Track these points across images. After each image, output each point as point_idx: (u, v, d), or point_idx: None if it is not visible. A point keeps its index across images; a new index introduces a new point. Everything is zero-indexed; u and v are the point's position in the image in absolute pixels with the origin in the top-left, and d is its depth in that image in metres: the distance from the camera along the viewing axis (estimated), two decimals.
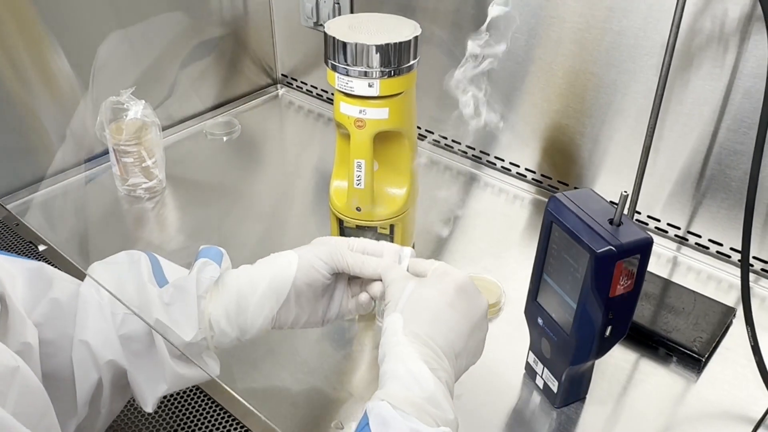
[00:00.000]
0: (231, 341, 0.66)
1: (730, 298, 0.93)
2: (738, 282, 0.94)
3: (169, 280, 0.65)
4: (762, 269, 0.94)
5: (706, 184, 0.95)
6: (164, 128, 1.08)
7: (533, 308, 0.74)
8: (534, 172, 1.14)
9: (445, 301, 0.60)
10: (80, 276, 0.91)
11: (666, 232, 1.02)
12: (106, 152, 1.16)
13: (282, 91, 1.45)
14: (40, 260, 0.93)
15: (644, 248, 0.62)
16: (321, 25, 1.26)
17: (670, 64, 0.77)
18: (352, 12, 1.21)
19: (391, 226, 0.90)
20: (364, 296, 0.69)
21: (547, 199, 1.09)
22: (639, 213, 1.03)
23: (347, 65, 0.77)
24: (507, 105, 1.11)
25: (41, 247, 0.96)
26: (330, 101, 1.39)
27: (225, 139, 1.27)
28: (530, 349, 0.78)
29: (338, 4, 1.21)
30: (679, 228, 1.00)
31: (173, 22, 1.20)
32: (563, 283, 0.68)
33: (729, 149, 0.91)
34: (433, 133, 1.22)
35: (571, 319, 0.67)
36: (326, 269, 0.66)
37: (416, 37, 0.78)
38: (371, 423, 0.51)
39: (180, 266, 0.69)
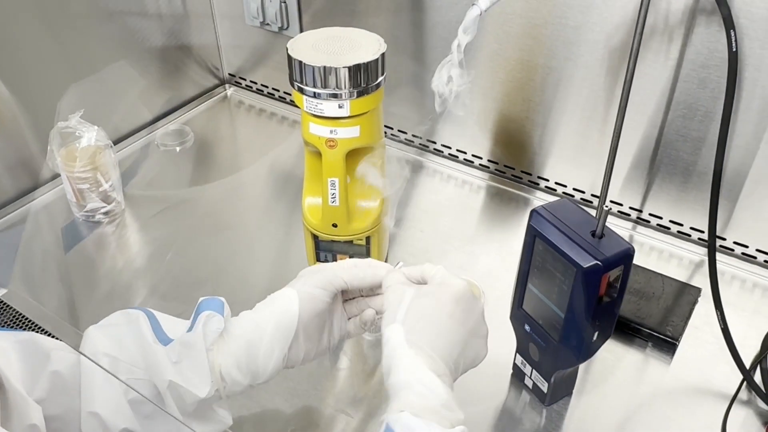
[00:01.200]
0: (243, 388, 0.65)
1: (691, 273, 0.98)
2: (696, 257, 1.00)
3: (170, 335, 0.64)
4: (720, 246, 0.99)
5: (658, 167, 0.99)
6: (114, 143, 1.04)
7: (519, 315, 0.76)
8: (495, 162, 1.16)
9: (444, 312, 0.61)
10: (49, 320, 0.89)
11: (628, 215, 1.06)
12: (54, 177, 1.12)
13: (230, 91, 1.41)
14: (2, 306, 0.90)
15: (627, 258, 0.65)
16: (267, 24, 1.23)
17: (637, 55, 0.78)
18: (300, 12, 1.18)
19: (367, 238, 0.90)
20: (369, 312, 0.69)
21: (500, 186, 1.11)
22: (614, 203, 1.06)
23: (316, 88, 0.76)
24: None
25: (0, 291, 0.92)
26: (282, 100, 1.36)
27: (178, 149, 1.24)
28: (517, 351, 0.80)
29: (284, 2, 1.18)
30: (639, 210, 1.04)
31: (111, 34, 1.15)
32: (549, 294, 0.70)
33: (678, 134, 0.95)
34: (391, 128, 1.22)
35: (558, 327, 0.70)
36: (326, 295, 0.66)
37: (383, 54, 0.78)
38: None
39: (178, 318, 0.67)
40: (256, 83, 1.38)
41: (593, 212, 0.95)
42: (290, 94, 1.34)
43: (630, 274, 0.74)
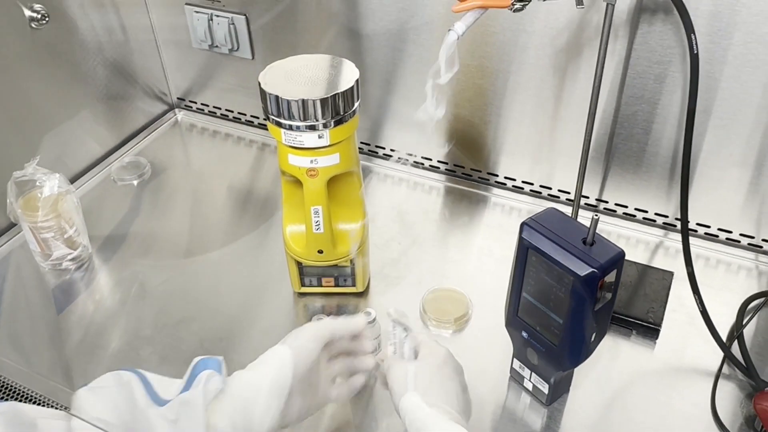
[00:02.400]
0: None
1: (656, 257, 1.03)
2: (659, 240, 1.05)
3: (162, 395, 0.63)
4: (666, 223, 1.05)
5: (612, 157, 1.04)
6: (71, 182, 1.00)
7: (516, 322, 0.78)
8: (446, 163, 1.19)
9: (444, 375, 0.69)
10: (30, 377, 0.86)
11: (596, 206, 1.10)
12: (9, 228, 1.07)
13: (180, 115, 1.38)
14: None
15: (620, 262, 0.68)
16: (217, 47, 1.21)
17: (604, 60, 0.82)
18: (249, 32, 1.17)
19: (351, 260, 0.90)
20: (358, 380, 0.74)
21: (456, 186, 1.12)
22: (567, 193, 1.10)
23: (294, 121, 0.76)
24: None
25: None
26: (236, 120, 1.34)
27: (136, 182, 1.20)
28: (515, 356, 0.83)
29: (233, 24, 1.16)
30: (607, 201, 1.08)
31: (52, 72, 1.10)
32: (546, 301, 0.72)
33: (631, 124, 0.99)
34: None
35: (557, 332, 0.72)
36: (318, 347, 0.69)
37: (357, 80, 0.78)
38: None
39: (169, 378, 0.66)
40: (207, 105, 1.35)
41: (551, 205, 0.99)
42: (244, 114, 1.32)
43: None
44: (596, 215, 0.67)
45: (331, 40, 1.13)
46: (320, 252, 0.87)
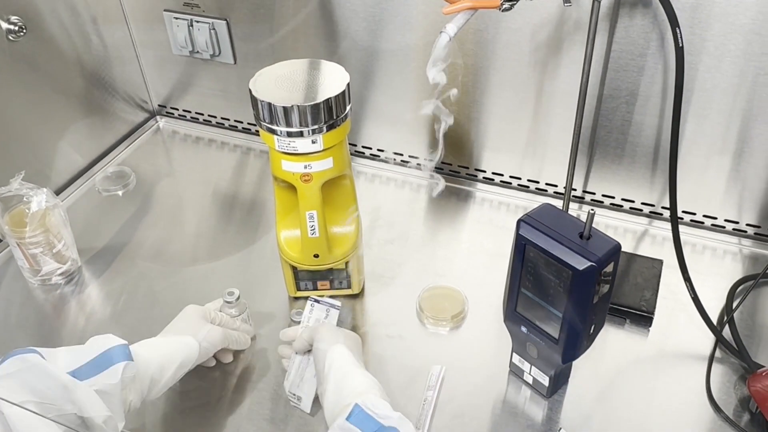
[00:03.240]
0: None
1: (641, 245, 1.05)
2: (644, 229, 1.07)
3: (67, 366, 0.68)
4: (652, 212, 1.07)
5: (597, 149, 1.05)
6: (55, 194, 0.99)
7: (515, 318, 0.79)
8: (416, 157, 1.20)
9: (359, 347, 0.81)
10: None
11: (582, 198, 1.11)
12: None
13: (162, 122, 1.37)
14: None
15: (616, 254, 0.69)
16: (198, 52, 1.20)
17: (591, 56, 0.83)
18: (230, 38, 1.16)
19: (347, 262, 0.91)
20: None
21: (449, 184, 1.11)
22: (555, 186, 1.12)
23: (288, 127, 0.75)
24: (405, 107, 1.13)
25: None
26: (220, 126, 1.33)
27: (121, 193, 1.19)
28: (514, 351, 0.84)
29: (214, 29, 1.15)
30: (593, 193, 1.10)
31: (30, 85, 1.08)
32: (544, 296, 0.73)
33: (613, 116, 1.01)
34: None
35: (557, 326, 0.73)
36: (215, 350, 0.83)
37: (348, 85, 0.78)
38: (370, 407, 0.66)
39: (58, 348, 0.71)
40: (189, 111, 1.34)
41: (539, 198, 1.00)
42: (228, 119, 1.31)
43: None
44: (592, 210, 0.68)
45: (312, 42, 1.12)
46: (316, 256, 0.87)
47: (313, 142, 0.77)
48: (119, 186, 1.19)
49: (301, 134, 0.76)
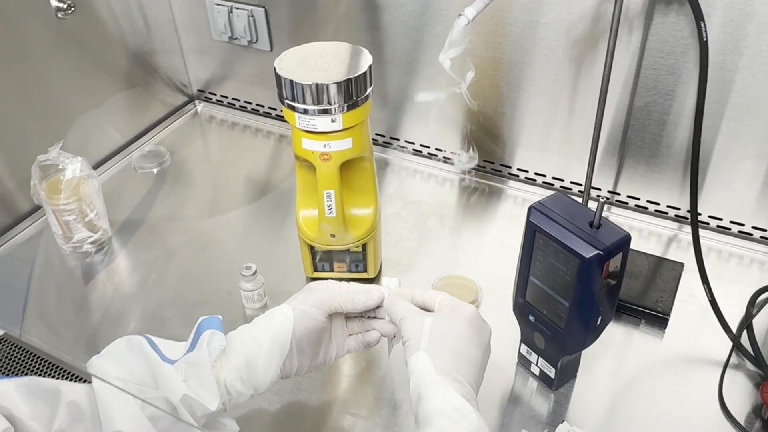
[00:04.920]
0: (247, 398, 0.69)
1: (668, 249, 1.03)
2: (672, 233, 1.05)
3: (169, 356, 0.66)
4: (679, 216, 1.04)
5: (629, 150, 1.04)
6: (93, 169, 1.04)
7: (523, 307, 0.79)
8: (456, 154, 1.18)
9: (464, 337, 0.65)
10: (55, 351, 0.89)
11: (608, 199, 1.10)
12: (34, 210, 1.10)
13: (200, 107, 1.41)
14: (2, 346, 0.90)
15: (626, 245, 0.68)
16: (236, 38, 1.23)
17: (614, 50, 0.82)
18: (268, 25, 1.19)
19: (363, 245, 0.92)
20: (373, 335, 0.73)
21: (474, 178, 1.13)
22: (580, 185, 1.11)
23: (308, 105, 0.77)
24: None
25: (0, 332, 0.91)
26: (255, 112, 1.36)
27: (156, 170, 1.23)
28: (522, 341, 0.84)
29: (253, 17, 1.19)
30: (618, 193, 1.09)
31: (75, 61, 1.13)
32: (552, 284, 0.73)
33: (648, 117, 0.99)
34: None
35: (564, 315, 0.73)
36: (320, 314, 0.70)
37: (370, 66, 0.79)
38: None
39: (173, 341, 0.69)
40: (226, 97, 1.38)
41: (574, 198, 0.99)
42: (263, 106, 1.35)
43: None
44: (603, 198, 0.68)
45: (350, 32, 1.14)
46: (332, 236, 0.88)
47: (333, 121, 0.78)
48: (154, 164, 1.23)
49: (320, 112, 0.77)
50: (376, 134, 1.25)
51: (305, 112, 0.78)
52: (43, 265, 1.05)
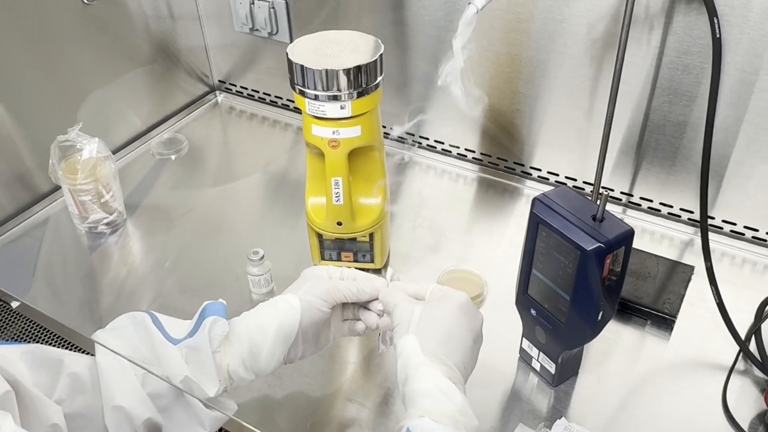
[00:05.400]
0: (248, 383, 0.70)
1: (683, 253, 1.01)
2: (687, 237, 1.04)
3: (173, 335, 0.67)
4: (710, 225, 1.03)
5: (646, 152, 1.03)
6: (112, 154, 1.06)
7: (525, 300, 0.78)
8: (489, 155, 1.18)
9: (453, 321, 0.65)
10: (63, 327, 0.91)
11: (620, 200, 1.09)
12: (54, 190, 1.13)
13: (221, 97, 1.43)
14: (14, 318, 0.92)
15: (628, 239, 0.68)
16: (257, 30, 1.25)
17: (625, 47, 0.81)
18: (288, 16, 1.20)
19: (371, 234, 0.92)
20: (360, 325, 0.75)
21: (491, 177, 1.14)
22: (591, 184, 1.10)
23: (317, 91, 0.78)
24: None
25: (14, 304, 0.94)
26: (273, 104, 1.38)
27: (173, 157, 1.25)
28: (524, 336, 0.83)
29: (273, 8, 1.20)
30: (631, 195, 1.08)
31: (100, 47, 1.15)
32: (554, 277, 0.73)
33: (664, 118, 0.98)
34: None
35: (564, 309, 0.73)
36: (326, 306, 0.71)
37: (381, 55, 0.80)
38: None
39: (177, 319, 0.70)
40: (246, 89, 1.39)
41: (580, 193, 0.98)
42: (281, 98, 1.36)
43: None
44: (606, 191, 0.67)
45: (372, 27, 1.14)
46: (339, 224, 0.89)
47: (342, 107, 0.79)
48: (172, 150, 1.25)
49: (330, 98, 0.78)
50: (407, 133, 1.24)
51: (315, 97, 0.79)
52: (59, 243, 1.07)
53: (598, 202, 0.67)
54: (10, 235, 1.08)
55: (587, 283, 0.68)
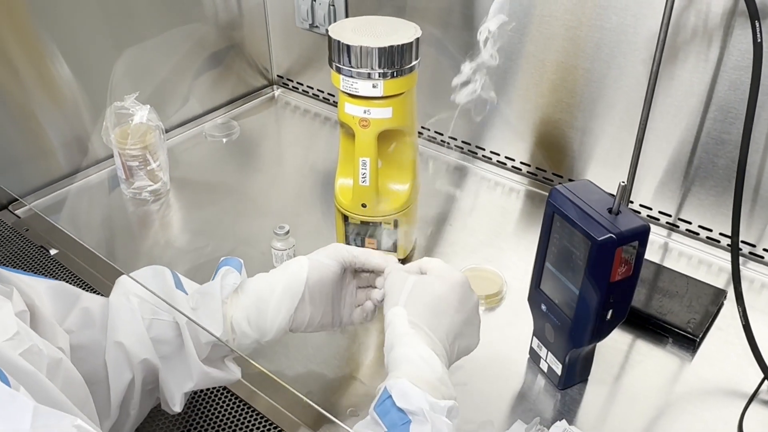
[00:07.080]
0: (251, 343, 0.70)
1: (721, 281, 0.97)
2: (727, 265, 0.99)
3: (185, 288, 0.70)
4: (750, 252, 0.99)
5: (694, 173, 0.99)
6: (166, 131, 1.11)
7: (536, 295, 0.77)
8: (529, 165, 1.17)
9: (444, 298, 0.66)
10: (94, 277, 0.95)
11: (657, 219, 1.06)
12: (109, 156, 1.19)
13: (278, 92, 1.48)
14: (51, 263, 0.96)
15: (642, 235, 0.66)
16: (316, 26, 1.29)
17: (660, 59, 0.80)
18: (347, 14, 1.24)
19: (395, 221, 0.93)
20: (369, 304, 0.75)
21: (539, 191, 1.13)
22: (632, 202, 1.07)
23: (351, 67, 0.80)
24: (500, 100, 1.14)
25: (52, 251, 0.99)
26: (326, 101, 1.41)
27: (224, 140, 1.30)
28: (534, 334, 0.82)
29: (333, 6, 1.24)
30: (669, 215, 1.04)
31: (170, 31, 1.22)
32: (565, 270, 0.71)
33: (715, 138, 0.95)
34: (429, 129, 1.25)
35: (573, 304, 0.71)
36: (334, 265, 0.72)
37: (417, 39, 0.82)
38: (393, 395, 0.56)
39: (196, 283, 0.72)
40: (302, 84, 1.44)
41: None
42: (334, 95, 1.39)
43: (656, 273, 0.74)
44: (623, 182, 0.66)
45: (438, 32, 1.14)
46: (364, 206, 0.90)
47: (374, 86, 0.81)
48: (224, 134, 1.30)
49: (362, 75, 0.80)
50: (462, 141, 1.23)
51: (349, 74, 0.81)
52: (104, 204, 1.12)
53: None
54: (61, 194, 1.14)
55: (596, 276, 0.67)
